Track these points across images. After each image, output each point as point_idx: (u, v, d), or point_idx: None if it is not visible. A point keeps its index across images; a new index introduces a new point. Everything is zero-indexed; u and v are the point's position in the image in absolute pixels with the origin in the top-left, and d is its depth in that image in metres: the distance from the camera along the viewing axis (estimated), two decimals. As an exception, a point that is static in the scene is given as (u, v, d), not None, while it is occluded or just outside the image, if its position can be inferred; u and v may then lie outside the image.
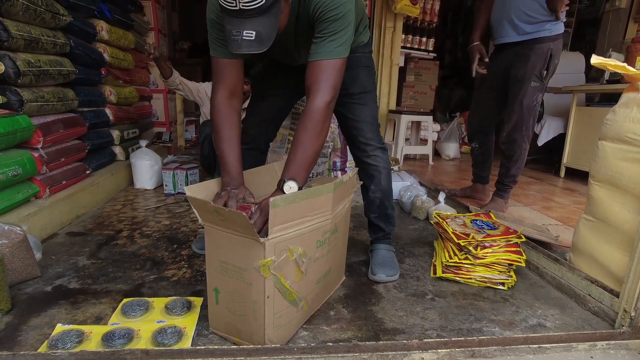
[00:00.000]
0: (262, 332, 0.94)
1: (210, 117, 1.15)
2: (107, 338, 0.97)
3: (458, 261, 1.37)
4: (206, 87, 2.73)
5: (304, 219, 0.96)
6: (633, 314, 1.05)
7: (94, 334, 1.00)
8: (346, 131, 1.40)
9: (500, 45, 2.02)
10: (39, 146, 1.66)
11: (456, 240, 1.37)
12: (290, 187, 1.00)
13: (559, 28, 1.85)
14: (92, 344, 0.97)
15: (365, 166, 1.38)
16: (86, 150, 2.09)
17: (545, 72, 1.88)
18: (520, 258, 1.36)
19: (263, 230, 0.90)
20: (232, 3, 0.86)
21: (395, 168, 2.98)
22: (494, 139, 2.23)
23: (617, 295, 1.13)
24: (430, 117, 3.86)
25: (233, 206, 1.01)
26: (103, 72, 2.37)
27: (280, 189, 1.01)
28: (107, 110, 2.42)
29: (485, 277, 1.35)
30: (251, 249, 0.89)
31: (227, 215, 0.87)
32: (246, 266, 0.91)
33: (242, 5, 0.86)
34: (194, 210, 0.96)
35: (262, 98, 1.42)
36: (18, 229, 1.25)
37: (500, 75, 2.02)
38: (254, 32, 0.88)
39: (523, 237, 1.42)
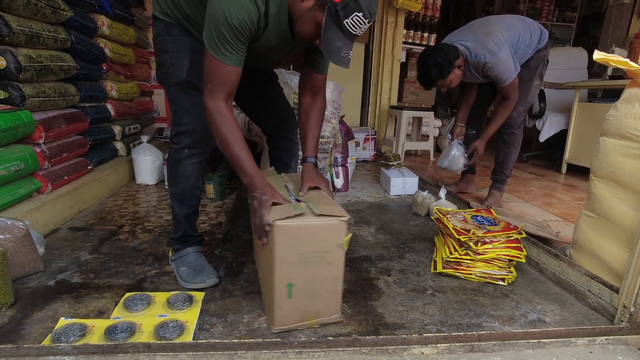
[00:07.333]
0: (339, 301, 1.08)
1: (212, 123, 1.08)
2: (110, 332, 0.99)
3: (458, 257, 1.37)
4: None
5: None
6: (632, 309, 1.05)
7: (97, 327, 1.01)
8: (279, 128, 1.55)
9: None
10: (41, 141, 1.66)
11: (456, 236, 1.38)
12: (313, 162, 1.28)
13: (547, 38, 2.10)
14: (95, 338, 0.98)
15: (294, 147, 1.59)
16: (88, 146, 2.09)
17: (544, 72, 2.12)
18: (520, 254, 1.36)
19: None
20: (361, 30, 0.98)
21: (396, 163, 2.98)
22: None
23: (616, 291, 1.14)
24: (432, 113, 3.85)
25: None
26: (104, 68, 2.36)
27: (312, 164, 1.26)
28: (109, 106, 2.42)
29: (485, 273, 1.36)
30: (334, 229, 1.00)
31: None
32: (329, 248, 1.00)
33: (360, 32, 0.99)
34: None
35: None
36: (21, 223, 1.26)
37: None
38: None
39: (523, 233, 1.43)
